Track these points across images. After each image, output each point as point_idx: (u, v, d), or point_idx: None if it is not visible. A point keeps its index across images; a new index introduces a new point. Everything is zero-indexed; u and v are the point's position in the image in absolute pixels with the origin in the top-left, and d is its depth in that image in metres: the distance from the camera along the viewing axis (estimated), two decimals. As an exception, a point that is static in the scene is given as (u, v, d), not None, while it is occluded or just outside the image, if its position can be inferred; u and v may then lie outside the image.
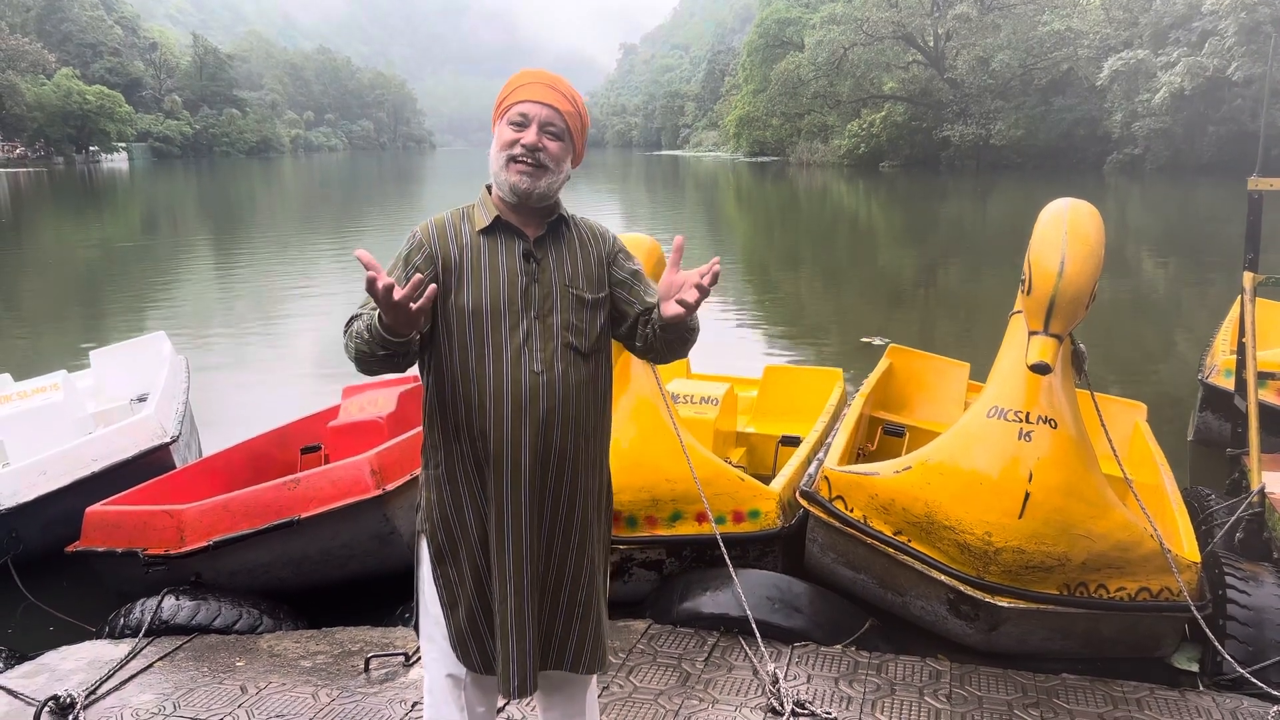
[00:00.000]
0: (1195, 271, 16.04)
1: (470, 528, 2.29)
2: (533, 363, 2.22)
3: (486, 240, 2.27)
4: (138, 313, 13.54)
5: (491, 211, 2.30)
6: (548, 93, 2.27)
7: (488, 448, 2.23)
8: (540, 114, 2.25)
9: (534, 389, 2.22)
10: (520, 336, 2.22)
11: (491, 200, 2.33)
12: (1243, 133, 37.65)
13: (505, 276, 2.25)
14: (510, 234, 2.29)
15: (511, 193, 2.25)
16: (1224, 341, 6.77)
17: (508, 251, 2.27)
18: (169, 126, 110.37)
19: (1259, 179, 4.68)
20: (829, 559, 4.02)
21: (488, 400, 2.21)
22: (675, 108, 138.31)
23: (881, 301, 13.87)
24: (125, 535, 4.37)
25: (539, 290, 2.26)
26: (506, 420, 2.21)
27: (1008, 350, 3.67)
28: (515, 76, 2.34)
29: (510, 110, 2.26)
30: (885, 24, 53.73)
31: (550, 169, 2.26)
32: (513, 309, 2.23)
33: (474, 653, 2.33)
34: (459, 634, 2.33)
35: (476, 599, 2.31)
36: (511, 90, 2.29)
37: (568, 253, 2.34)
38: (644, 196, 42.58)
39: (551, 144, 2.26)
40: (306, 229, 28.24)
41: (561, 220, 2.36)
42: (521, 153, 2.23)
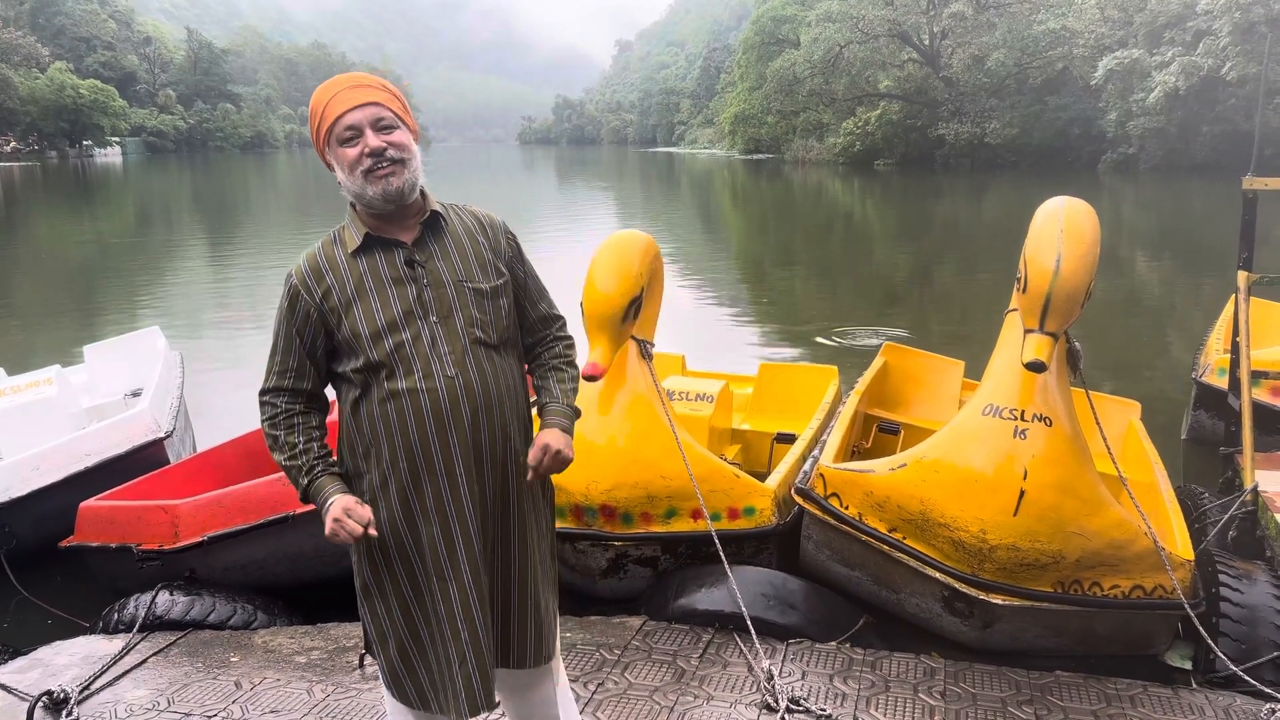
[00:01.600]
0: (1189, 270, 16.08)
1: (394, 559, 2.23)
2: (444, 368, 2.17)
3: (364, 259, 2.20)
4: (132, 307, 13.51)
5: (361, 229, 2.22)
6: (359, 94, 2.17)
7: (416, 465, 2.18)
8: (365, 116, 2.15)
9: (452, 394, 2.17)
10: (425, 345, 2.17)
11: (359, 218, 2.24)
12: (1237, 132, 37.70)
13: (393, 290, 2.19)
14: (386, 246, 2.21)
15: (385, 201, 2.17)
16: (1218, 340, 6.79)
17: (389, 264, 2.20)
18: (163, 121, 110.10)
19: (1253, 178, 4.69)
20: (824, 556, 4.03)
21: (408, 417, 2.16)
22: (670, 105, 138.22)
23: (877, 300, 13.89)
24: (119, 530, 4.37)
25: (432, 293, 2.20)
26: (431, 433, 2.17)
27: (1003, 348, 3.68)
28: (318, 95, 2.21)
29: (335, 129, 2.16)
30: (881, 22, 53.70)
31: (406, 160, 2.18)
32: (410, 319, 2.17)
33: (409, 689, 2.29)
34: (391, 670, 2.29)
35: (406, 632, 2.26)
36: (323, 110, 2.18)
37: (453, 246, 2.27)
38: (639, 194, 42.57)
39: (392, 137, 2.17)
40: (300, 223, 28.17)
41: (435, 216, 2.27)
42: (372, 163, 2.14)
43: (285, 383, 2.25)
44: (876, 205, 32.75)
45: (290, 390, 2.25)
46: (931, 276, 16.68)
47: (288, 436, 2.24)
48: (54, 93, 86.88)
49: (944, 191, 36.62)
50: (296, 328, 2.23)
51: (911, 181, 41.49)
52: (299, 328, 2.23)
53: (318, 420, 2.30)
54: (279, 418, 2.25)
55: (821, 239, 23.06)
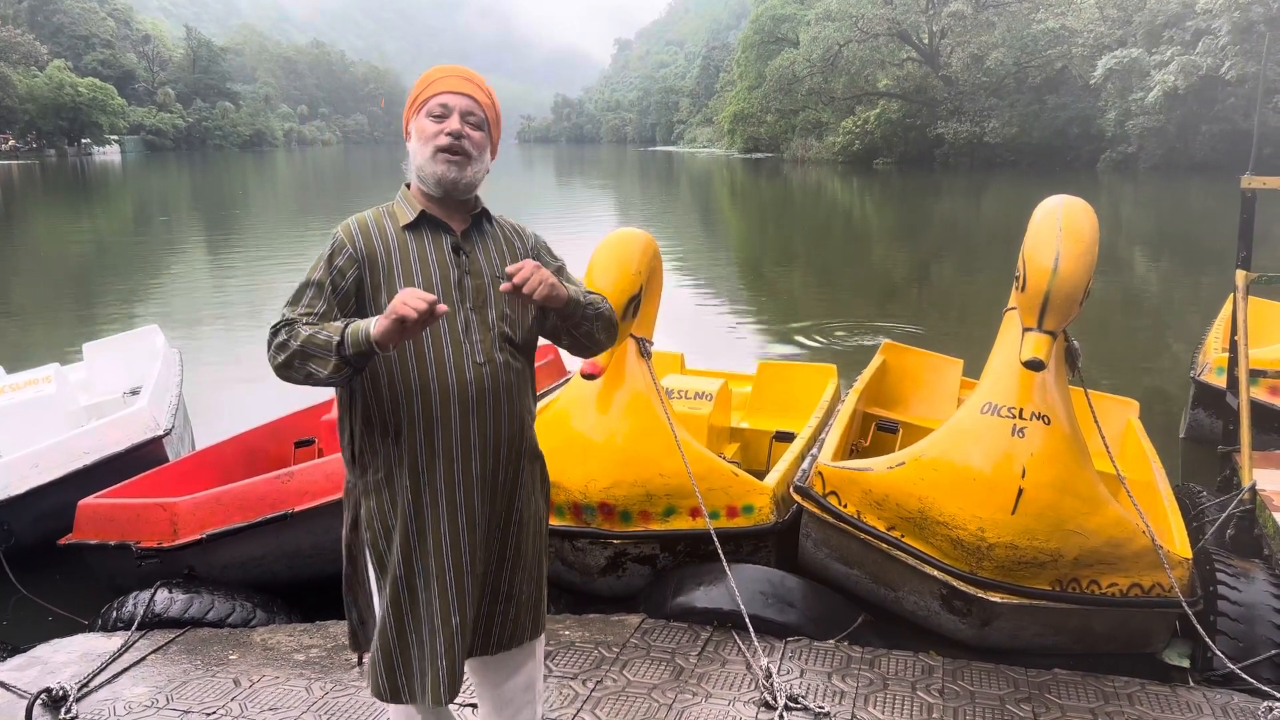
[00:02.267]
0: (1188, 269, 16.09)
1: (394, 536, 2.24)
2: (474, 354, 2.22)
3: (412, 235, 2.26)
4: (130, 306, 13.51)
5: (416, 206, 2.28)
6: (465, 84, 2.28)
7: (433, 443, 2.20)
8: (460, 104, 2.25)
9: (479, 380, 2.22)
10: (460, 329, 2.22)
11: (414, 196, 2.31)
12: (1236, 131, 37.73)
13: (437, 270, 2.24)
14: (436, 228, 2.28)
15: (438, 184, 2.25)
16: (1216, 339, 6.80)
17: (435, 245, 2.26)
18: (162, 119, 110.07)
19: (1252, 177, 4.70)
20: (822, 554, 4.03)
21: (432, 395, 2.19)
22: (670, 103, 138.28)
23: (875, 298, 13.89)
24: (118, 528, 4.36)
25: (471, 281, 2.26)
26: (455, 413, 2.20)
27: (1001, 347, 3.68)
28: (429, 72, 2.33)
29: (429, 103, 2.26)
30: (880, 21, 53.73)
31: (475, 157, 2.26)
32: (448, 301, 2.22)
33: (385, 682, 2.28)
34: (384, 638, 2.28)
35: (391, 617, 2.26)
36: (428, 84, 2.29)
37: (494, 247, 2.35)
38: (638, 192, 42.57)
39: (474, 133, 2.26)
40: (300, 222, 28.17)
41: (484, 215, 2.37)
42: (447, 142, 2.22)
43: (309, 310, 2.17)
44: (875, 204, 32.76)
45: (312, 315, 2.17)
46: (930, 275, 16.69)
47: (306, 328, 2.11)
48: (52, 91, 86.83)
49: (943, 190, 36.64)
50: (333, 277, 2.21)
51: (910, 180, 41.51)
52: (335, 278, 2.21)
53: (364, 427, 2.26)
54: (299, 318, 2.14)
55: (820, 238, 23.07)
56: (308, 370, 2.10)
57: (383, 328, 2.00)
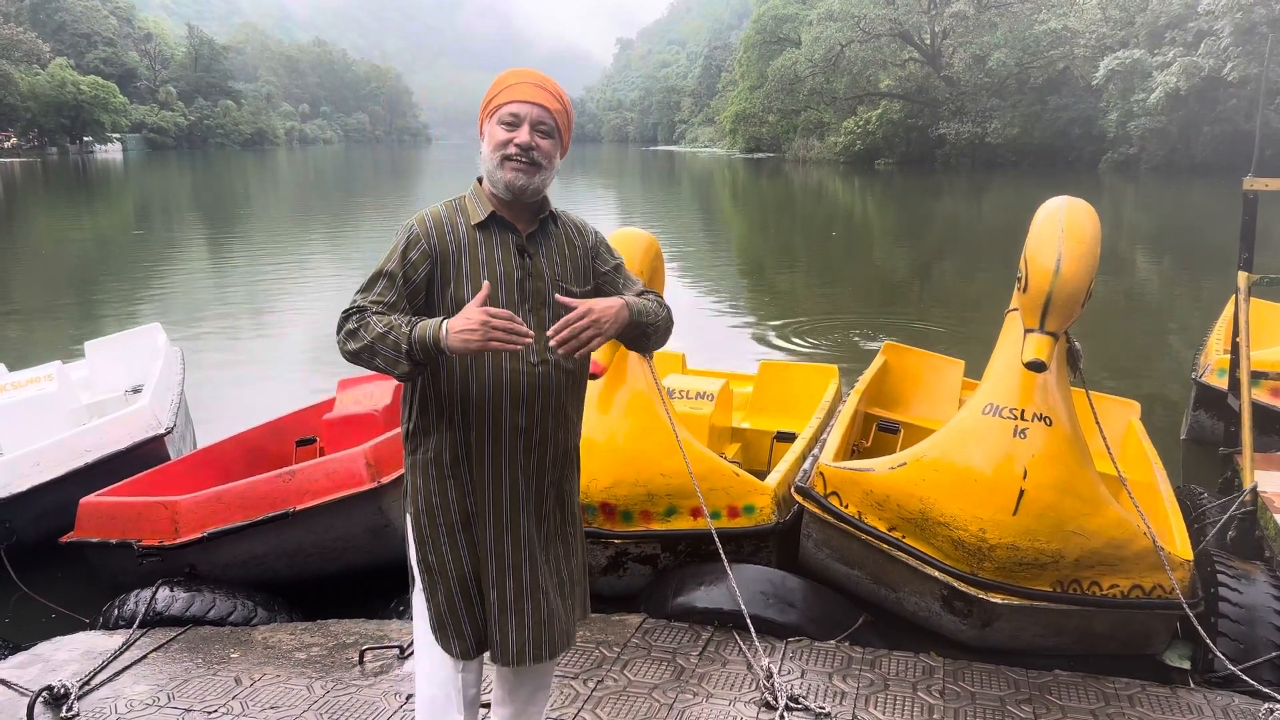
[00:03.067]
0: (1189, 271, 16.09)
1: (453, 512, 2.34)
2: (529, 354, 2.29)
3: (482, 234, 2.33)
4: (132, 304, 13.51)
5: (486, 206, 2.35)
6: (537, 92, 2.32)
7: (483, 435, 2.30)
8: (532, 114, 2.30)
9: (531, 380, 2.30)
10: None
11: (484, 194, 2.37)
12: (1238, 133, 37.73)
13: (502, 270, 2.31)
14: (504, 229, 2.34)
15: (507, 190, 2.31)
16: (1218, 341, 6.79)
17: (503, 245, 2.33)
18: (163, 117, 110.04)
19: (1254, 179, 4.69)
20: (823, 554, 4.03)
21: (486, 390, 2.27)
22: (671, 103, 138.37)
23: (877, 299, 13.89)
24: (119, 526, 4.37)
25: (533, 284, 2.34)
26: (505, 410, 2.29)
27: (1003, 347, 3.68)
28: (504, 76, 2.37)
29: (501, 110, 2.31)
30: (882, 21, 53.73)
31: (543, 166, 2.32)
32: (510, 302, 2.30)
33: (452, 638, 2.40)
34: (438, 618, 2.39)
35: (457, 584, 2.37)
36: (501, 90, 2.33)
37: (556, 248, 2.41)
38: (640, 192, 42.56)
39: (544, 142, 2.32)
40: (301, 221, 28.18)
41: (550, 216, 2.42)
42: (516, 152, 2.28)
43: (380, 298, 2.23)
44: (877, 204, 32.75)
45: (382, 305, 2.22)
46: (932, 276, 16.69)
47: (377, 320, 2.17)
48: (55, 89, 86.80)
49: (944, 191, 36.63)
50: (406, 270, 2.26)
51: (912, 181, 41.50)
52: (408, 271, 2.26)
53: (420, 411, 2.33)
54: (368, 314, 2.19)
55: (822, 238, 23.07)
56: (376, 365, 2.19)
57: (462, 342, 2.07)
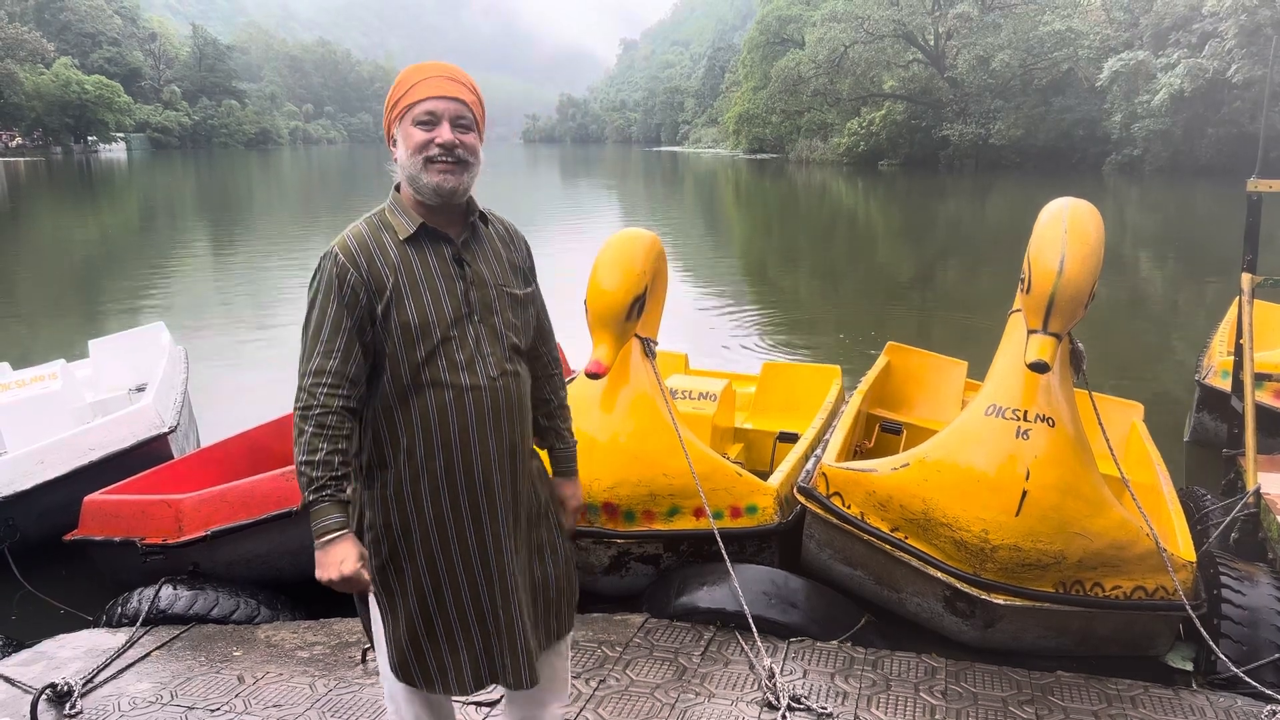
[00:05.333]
0: (1193, 272, 16.06)
1: (416, 545, 2.21)
2: (488, 368, 2.19)
3: (413, 249, 2.16)
4: (136, 303, 13.53)
5: (413, 218, 2.18)
6: (450, 85, 2.16)
7: (454, 463, 2.17)
8: (449, 109, 2.14)
9: (494, 394, 2.19)
10: (471, 345, 2.18)
11: (407, 204, 2.21)
12: (1242, 135, 37.67)
13: (443, 285, 2.16)
14: (436, 239, 2.19)
15: (435, 194, 2.15)
16: (1221, 343, 6.79)
17: (438, 258, 2.18)
18: (167, 117, 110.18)
19: (1258, 180, 4.69)
20: (826, 555, 4.03)
21: (450, 415, 2.15)
22: (675, 104, 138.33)
23: (879, 299, 13.89)
24: (123, 524, 4.38)
25: (477, 293, 2.20)
26: (473, 432, 2.17)
27: (1006, 348, 3.68)
28: (409, 72, 2.19)
29: (414, 109, 2.13)
30: (886, 22, 53.67)
31: (470, 163, 2.18)
32: (458, 317, 2.16)
33: (415, 672, 2.29)
34: (400, 653, 2.28)
35: (419, 618, 2.25)
36: (409, 87, 2.15)
37: (492, 252, 2.28)
38: (643, 192, 42.56)
39: (466, 137, 2.17)
40: (305, 220, 28.21)
41: (480, 217, 2.29)
42: (439, 153, 2.13)
43: (330, 364, 2.09)
44: (880, 205, 32.73)
45: (334, 374, 2.09)
46: (935, 277, 16.68)
47: (314, 440, 2.07)
48: (59, 88, 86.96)
49: (948, 192, 36.60)
50: (346, 304, 2.09)
51: (915, 182, 41.47)
52: (349, 304, 2.10)
53: (351, 423, 2.15)
54: (313, 412, 2.08)
55: (825, 239, 23.05)
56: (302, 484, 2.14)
57: (317, 563, 2.09)
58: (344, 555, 2.06)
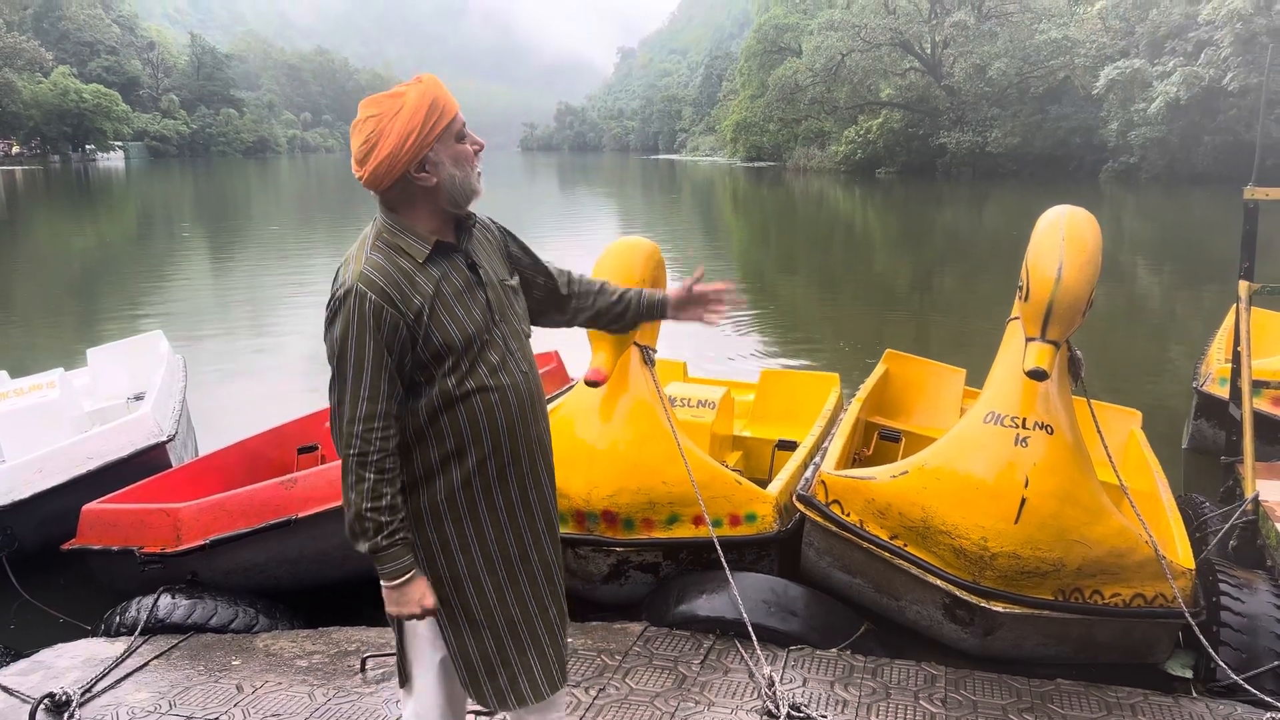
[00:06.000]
0: (1190, 280, 16.09)
1: (475, 552, 2.22)
2: (519, 364, 2.25)
3: (435, 269, 2.16)
4: (135, 311, 13.53)
5: (425, 238, 2.16)
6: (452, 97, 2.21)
7: (504, 460, 2.21)
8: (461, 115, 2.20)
9: (527, 389, 2.26)
10: (501, 345, 2.21)
11: (412, 226, 2.16)
12: (1238, 143, 37.76)
13: (469, 296, 2.18)
14: (446, 253, 2.19)
15: (468, 201, 2.19)
16: (1219, 350, 6.80)
17: (455, 271, 2.19)
18: (166, 126, 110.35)
19: (1254, 188, 4.71)
20: (825, 563, 4.03)
21: (497, 415, 2.18)
22: (672, 112, 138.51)
23: (878, 307, 13.90)
24: (121, 533, 4.37)
25: (492, 294, 2.23)
26: (518, 427, 2.22)
27: (1004, 356, 3.69)
28: (437, 91, 2.13)
29: (455, 124, 2.14)
30: (883, 31, 53.82)
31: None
32: (487, 324, 2.20)
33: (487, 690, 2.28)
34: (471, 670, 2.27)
35: (487, 628, 2.25)
36: (445, 105, 2.12)
37: (483, 248, 2.30)
38: (641, 200, 42.61)
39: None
40: (303, 228, 28.22)
41: (471, 218, 2.30)
42: (476, 161, 2.21)
43: (378, 407, 2.07)
44: (878, 213, 32.79)
45: (383, 416, 2.08)
46: (933, 284, 16.70)
47: (379, 485, 2.08)
48: (57, 97, 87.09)
49: (945, 200, 36.66)
50: (385, 343, 2.06)
51: (913, 190, 41.54)
52: (388, 343, 2.06)
53: (400, 458, 2.15)
54: (371, 458, 2.07)
55: (823, 247, 23.09)
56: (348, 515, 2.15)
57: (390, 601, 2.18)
58: (423, 591, 2.17)
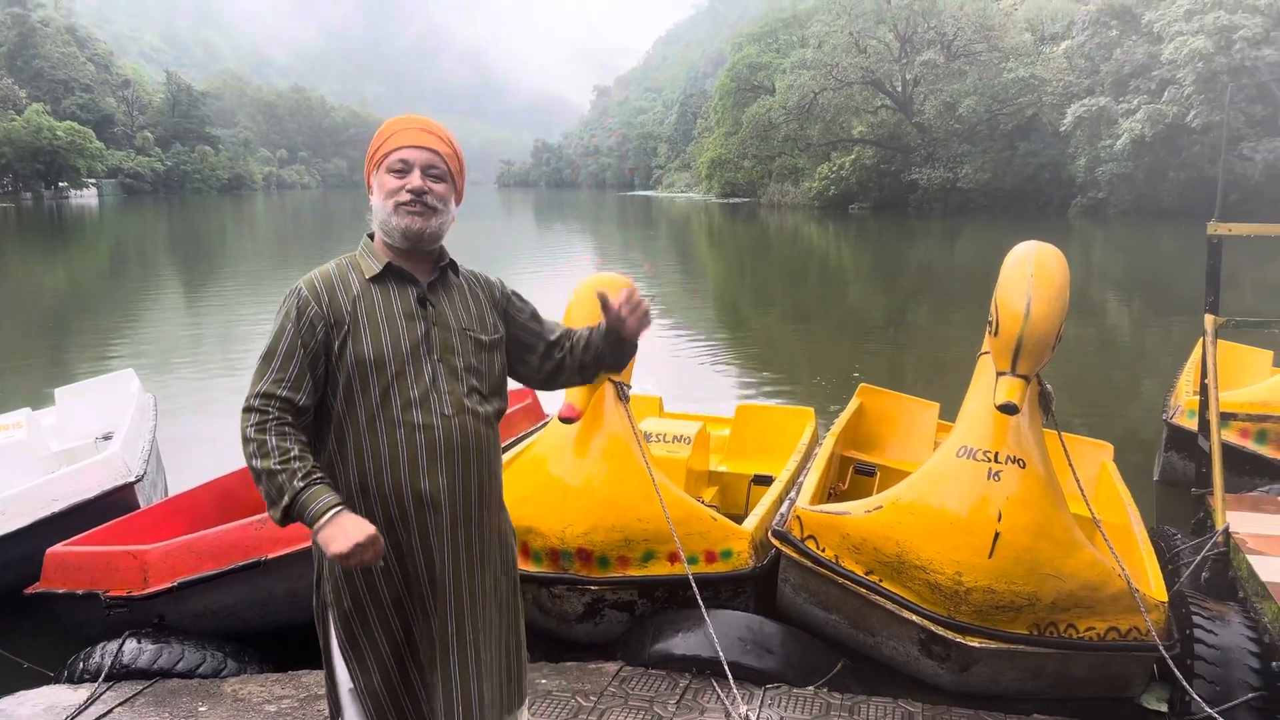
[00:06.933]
0: (1159, 313, 16.32)
1: (381, 589, 2.21)
2: (442, 406, 2.21)
3: (378, 288, 2.24)
4: (106, 350, 13.37)
5: (381, 259, 2.27)
6: (425, 136, 2.27)
7: (404, 500, 2.18)
8: (420, 158, 2.24)
9: (447, 432, 2.20)
10: (426, 381, 2.20)
11: (378, 248, 2.30)
12: (1202, 178, 38.50)
13: (403, 322, 2.22)
14: (402, 280, 2.26)
15: (403, 237, 2.23)
16: (1187, 383, 6.88)
17: (402, 297, 2.24)
18: (140, 163, 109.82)
19: (1217, 224, 4.79)
20: (801, 599, 4.02)
21: (400, 452, 2.17)
22: (648, 149, 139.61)
23: (852, 341, 13.99)
24: (86, 576, 4.29)
25: (439, 333, 2.25)
26: (423, 470, 2.18)
27: (976, 390, 3.71)
28: (389, 124, 2.32)
29: (389, 158, 2.24)
30: (854, 69, 54.66)
31: (439, 210, 2.26)
32: (415, 354, 2.20)
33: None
34: (378, 705, 2.25)
35: (394, 665, 2.24)
36: (387, 138, 2.27)
37: (459, 297, 2.33)
38: (617, 236, 42.80)
39: (436, 186, 2.25)
40: (278, 266, 28.09)
41: (450, 266, 2.36)
42: (409, 199, 2.22)
43: (281, 391, 2.13)
44: (851, 248, 33.09)
45: (284, 399, 2.13)
46: (906, 318, 16.83)
47: (279, 441, 2.09)
48: (30, 134, 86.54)
49: (918, 235, 37.08)
50: (302, 337, 2.16)
51: (885, 225, 42.00)
52: (304, 337, 2.17)
53: (306, 437, 2.17)
54: (269, 423, 2.10)
55: (798, 281, 23.24)
56: (259, 488, 2.11)
57: (331, 547, 1.99)
58: (355, 522, 2.02)
